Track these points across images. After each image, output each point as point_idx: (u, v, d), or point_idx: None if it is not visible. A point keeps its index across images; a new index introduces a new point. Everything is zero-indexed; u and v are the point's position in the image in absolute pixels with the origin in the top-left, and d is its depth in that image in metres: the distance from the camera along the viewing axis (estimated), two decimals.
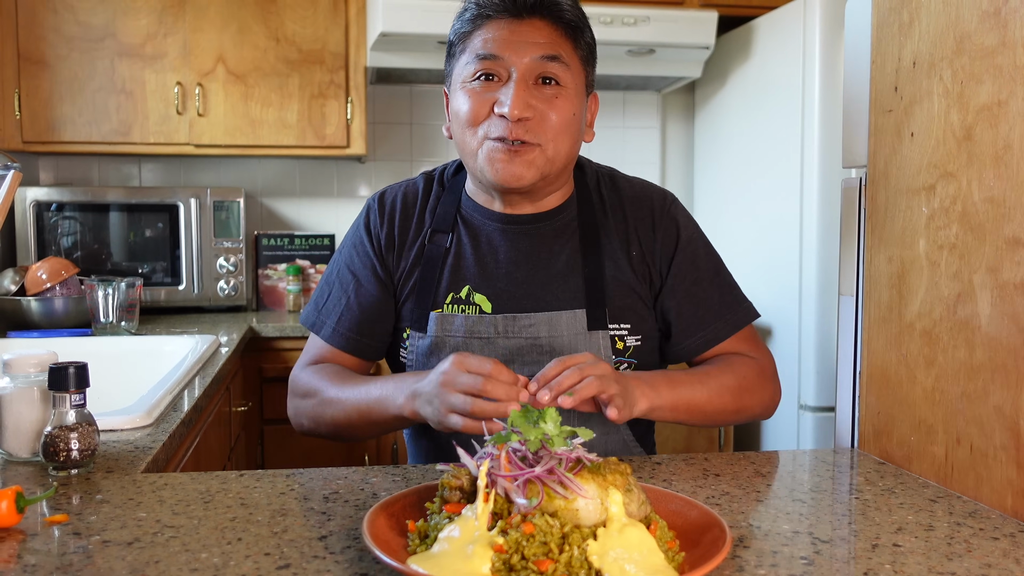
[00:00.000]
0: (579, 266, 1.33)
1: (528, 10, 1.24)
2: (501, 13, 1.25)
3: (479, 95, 1.25)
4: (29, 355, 1.15)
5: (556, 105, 1.24)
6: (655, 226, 1.36)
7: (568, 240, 1.35)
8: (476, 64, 1.25)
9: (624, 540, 0.76)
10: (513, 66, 1.23)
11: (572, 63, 1.26)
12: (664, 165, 3.62)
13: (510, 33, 1.24)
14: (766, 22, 2.95)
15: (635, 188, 1.40)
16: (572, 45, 1.27)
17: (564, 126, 1.25)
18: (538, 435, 0.82)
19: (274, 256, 3.22)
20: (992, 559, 0.85)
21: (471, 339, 1.30)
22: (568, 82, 1.25)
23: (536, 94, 1.23)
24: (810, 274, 2.69)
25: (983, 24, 1.01)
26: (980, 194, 1.01)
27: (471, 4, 1.28)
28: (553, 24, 1.25)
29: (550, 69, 1.24)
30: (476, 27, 1.26)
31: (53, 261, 2.59)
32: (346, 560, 0.83)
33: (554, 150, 1.25)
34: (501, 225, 1.35)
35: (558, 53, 1.24)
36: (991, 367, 1.00)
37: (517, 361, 1.30)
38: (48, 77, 2.80)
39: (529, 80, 1.24)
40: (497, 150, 1.24)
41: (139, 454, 1.20)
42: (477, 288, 1.33)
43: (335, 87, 2.97)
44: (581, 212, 1.36)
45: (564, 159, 1.28)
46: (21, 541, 0.87)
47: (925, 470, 1.11)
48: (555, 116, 1.24)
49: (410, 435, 1.45)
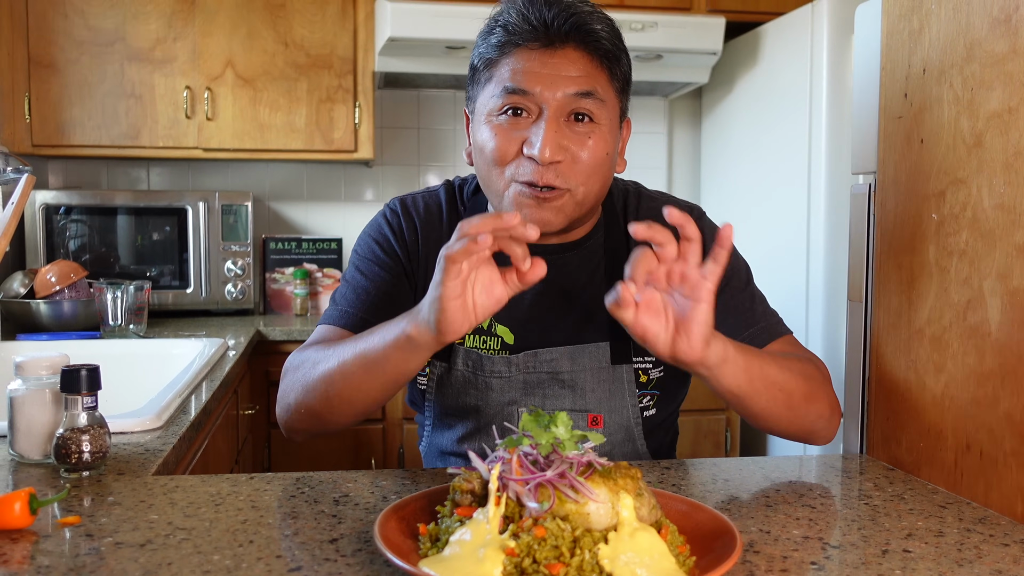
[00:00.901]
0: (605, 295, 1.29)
1: (562, 38, 1.14)
2: (532, 42, 1.15)
3: (507, 132, 1.15)
4: (41, 357, 1.15)
5: (589, 146, 1.15)
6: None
7: (594, 270, 1.29)
8: (503, 98, 1.15)
9: (635, 544, 0.76)
10: (544, 102, 1.13)
11: (608, 97, 1.17)
12: (671, 171, 3.62)
13: (541, 65, 1.14)
14: (774, 28, 2.95)
15: (662, 202, 1.34)
16: (608, 76, 1.17)
17: (596, 167, 1.16)
18: (549, 439, 0.82)
19: (282, 260, 3.22)
20: (1003, 565, 0.85)
21: (491, 377, 1.27)
22: (603, 118, 1.16)
23: (568, 134, 1.14)
24: (817, 280, 2.68)
25: (993, 31, 1.01)
26: (990, 201, 1.01)
27: (498, 27, 1.17)
28: (589, 54, 1.15)
29: (584, 106, 1.14)
30: (504, 54, 1.16)
31: (62, 264, 2.60)
32: (357, 563, 0.83)
33: (584, 193, 1.17)
34: None
35: (593, 88, 1.14)
36: (1001, 373, 1.00)
37: (537, 394, 1.27)
38: (58, 81, 2.82)
39: (561, 117, 1.14)
40: (525, 195, 1.15)
41: (150, 456, 1.20)
42: (499, 319, 1.27)
43: (343, 91, 2.98)
44: (607, 239, 1.30)
45: (594, 200, 1.21)
46: (34, 542, 0.87)
47: (934, 476, 1.11)
48: (587, 156, 1.15)
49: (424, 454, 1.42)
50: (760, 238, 3.04)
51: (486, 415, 1.29)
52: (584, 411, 1.28)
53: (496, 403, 1.28)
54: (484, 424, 1.29)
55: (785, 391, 1.12)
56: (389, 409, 2.83)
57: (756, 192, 3.07)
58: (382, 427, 2.82)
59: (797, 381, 1.14)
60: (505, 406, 1.28)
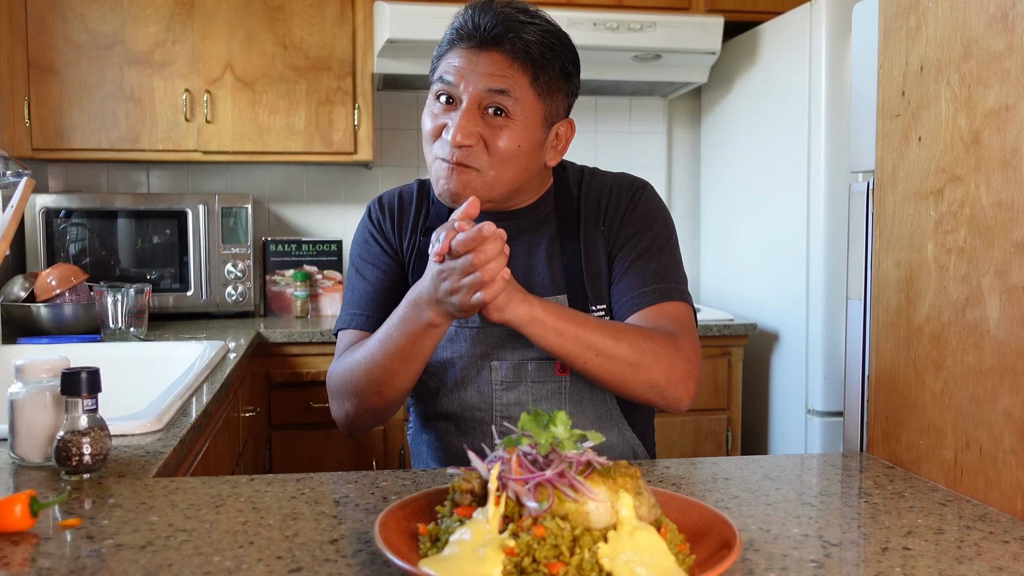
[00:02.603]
0: (558, 254, 1.39)
1: (489, 43, 1.29)
2: (467, 41, 1.30)
3: (436, 117, 1.32)
4: (41, 360, 1.15)
5: (501, 135, 1.29)
6: (622, 203, 1.42)
7: (547, 231, 1.41)
8: (437, 86, 1.32)
9: (635, 543, 0.76)
10: (465, 94, 1.29)
11: (525, 97, 1.29)
12: (670, 170, 3.62)
13: (468, 63, 1.29)
14: (772, 27, 2.95)
15: (612, 177, 1.47)
16: (530, 79, 1.29)
17: (508, 156, 1.30)
18: (548, 439, 0.82)
19: (282, 262, 3.23)
20: (1003, 562, 0.85)
21: (462, 328, 1.38)
22: (517, 115, 1.29)
23: (482, 123, 1.29)
24: (817, 278, 2.69)
25: (990, 29, 1.01)
26: (988, 198, 1.02)
27: (452, 28, 1.33)
28: (511, 59, 1.28)
29: (497, 100, 1.28)
30: (448, 51, 1.33)
31: (62, 267, 2.60)
32: (358, 563, 0.83)
33: (495, 176, 1.30)
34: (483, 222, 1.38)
35: (507, 87, 1.28)
36: (1000, 370, 1.00)
37: (506, 347, 1.37)
38: (57, 84, 2.82)
39: (477, 108, 1.29)
40: (441, 168, 1.31)
41: (150, 459, 1.20)
42: None
43: (342, 94, 2.99)
44: (558, 203, 1.43)
45: (508, 184, 1.33)
46: (35, 545, 0.88)
47: (934, 474, 1.11)
48: (499, 145, 1.29)
49: (412, 435, 1.51)
50: (760, 237, 3.04)
51: (462, 367, 1.39)
52: (552, 359, 1.37)
53: (469, 356, 1.39)
54: (460, 378, 1.40)
55: (604, 355, 1.23)
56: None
57: (755, 191, 3.07)
58: (383, 429, 2.82)
59: (623, 348, 1.24)
60: (478, 359, 1.39)
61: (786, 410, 2.89)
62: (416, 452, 1.51)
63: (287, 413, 2.76)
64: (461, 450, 1.40)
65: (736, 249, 3.22)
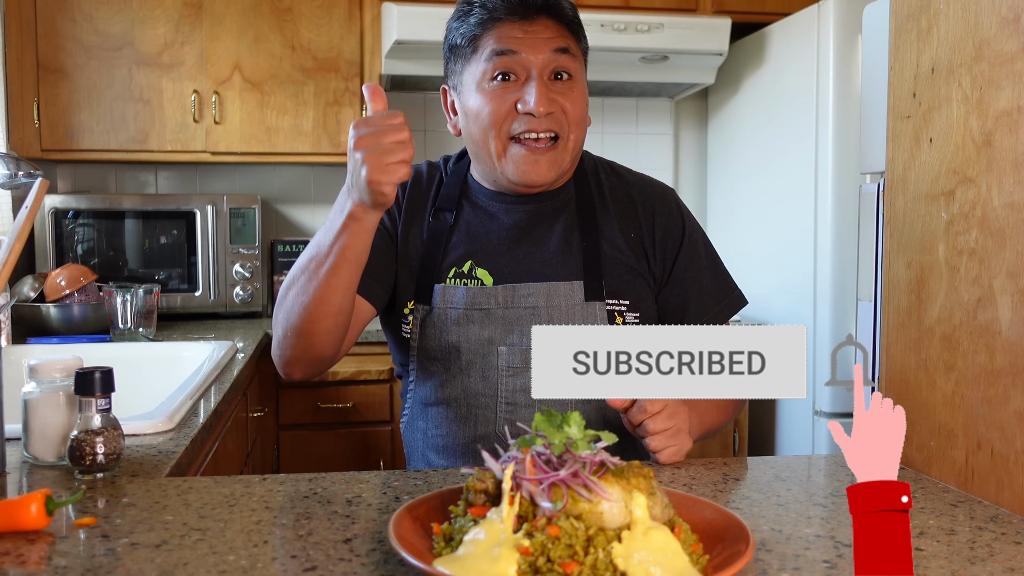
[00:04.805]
0: (577, 241, 1.40)
1: (535, 11, 1.31)
2: (510, 15, 1.31)
3: (499, 95, 1.31)
4: (55, 360, 1.16)
5: (572, 97, 1.32)
6: (656, 214, 1.43)
7: (566, 217, 1.41)
8: (493, 61, 1.30)
9: (649, 543, 0.76)
10: (531, 63, 1.30)
11: (578, 55, 1.35)
12: (677, 172, 3.63)
13: (523, 32, 1.30)
14: (780, 29, 2.95)
15: (636, 177, 1.48)
16: (575, 39, 1.35)
17: (581, 118, 1.34)
18: (562, 439, 0.82)
19: (289, 262, 3.22)
20: (1015, 563, 0.85)
21: (472, 310, 1.36)
22: (578, 74, 1.34)
23: (554, 89, 1.31)
24: (824, 280, 2.68)
25: (1002, 31, 1.01)
26: (1000, 199, 1.02)
27: (476, 8, 1.33)
28: (558, 23, 1.32)
29: (562, 62, 1.31)
30: (486, 30, 1.32)
31: (72, 268, 2.61)
32: (372, 562, 0.84)
33: (574, 141, 1.34)
34: (503, 204, 1.41)
35: (567, 45, 1.32)
36: (1012, 371, 1.00)
37: (516, 331, 1.35)
38: (66, 86, 2.83)
39: (545, 76, 1.30)
40: (523, 152, 1.31)
41: (163, 458, 1.21)
42: (479, 263, 1.38)
43: (350, 95, 2.99)
44: (578, 191, 1.43)
45: (578, 149, 1.36)
46: (51, 543, 0.88)
47: (945, 475, 1.11)
48: (572, 107, 1.31)
49: (407, 423, 1.46)
50: (768, 238, 3.04)
51: (467, 352, 1.36)
52: None
53: (476, 339, 1.36)
54: (465, 364, 1.36)
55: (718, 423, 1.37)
56: (397, 411, 2.83)
57: (763, 193, 3.07)
58: (390, 429, 2.82)
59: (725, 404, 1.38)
60: (485, 343, 1.36)
61: (793, 411, 2.89)
62: (410, 440, 1.46)
63: (295, 413, 2.76)
64: (461, 436, 1.37)
65: (743, 250, 3.22)
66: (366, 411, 2.81)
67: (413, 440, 1.45)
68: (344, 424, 2.81)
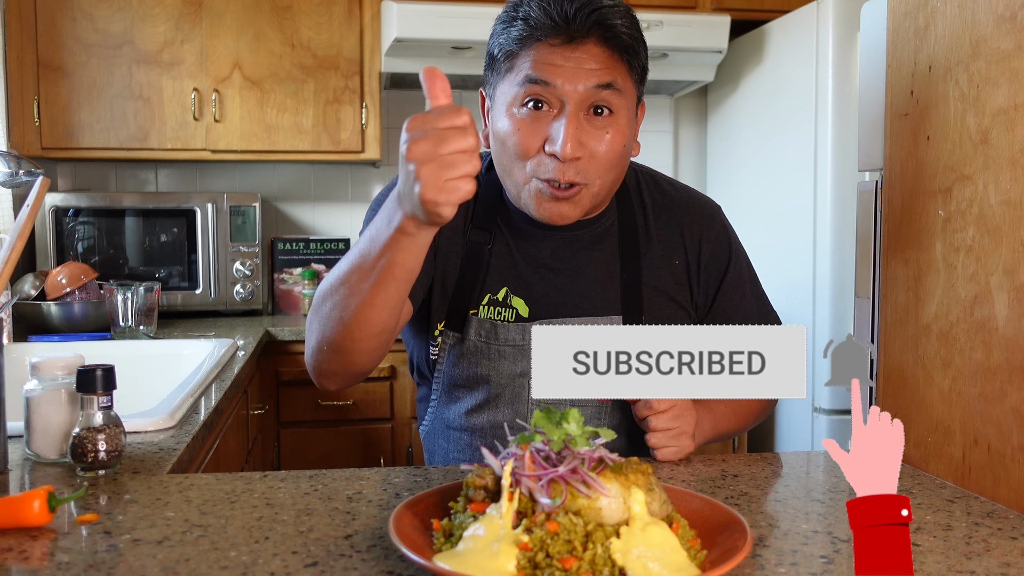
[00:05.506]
0: (617, 273, 1.32)
1: (583, 33, 1.15)
2: (553, 36, 1.16)
3: (529, 127, 1.18)
4: (56, 358, 1.16)
5: (607, 140, 1.18)
6: (703, 240, 1.36)
7: (607, 246, 1.33)
8: (525, 87, 1.17)
9: (647, 538, 0.77)
10: (566, 96, 1.16)
11: (626, 88, 1.19)
12: (677, 169, 3.63)
13: (563, 59, 1.15)
14: (779, 26, 2.95)
15: (681, 194, 1.39)
16: (627, 68, 1.19)
17: (614, 161, 1.20)
18: (561, 435, 0.83)
19: (290, 260, 3.24)
20: (1011, 558, 0.86)
21: (505, 346, 1.28)
22: (621, 109, 1.19)
23: (588, 129, 1.17)
24: (823, 277, 2.69)
25: (999, 28, 1.02)
26: (997, 197, 1.02)
27: (519, 20, 1.18)
28: (609, 49, 1.17)
29: (603, 98, 1.17)
30: (524, 47, 1.18)
31: (72, 266, 2.62)
32: (372, 558, 0.84)
33: (600, 186, 1.21)
34: (542, 231, 1.31)
35: (612, 80, 1.16)
36: (1008, 368, 1.00)
37: None
38: (66, 84, 2.84)
39: (581, 111, 1.17)
40: (544, 191, 1.19)
41: (164, 455, 1.22)
42: (515, 291, 1.31)
43: (350, 92, 3.00)
44: (621, 217, 1.34)
45: (609, 191, 1.25)
46: (53, 540, 0.89)
47: (942, 471, 1.12)
48: (605, 151, 1.18)
49: (428, 434, 1.44)
50: (767, 235, 3.04)
51: (496, 385, 1.30)
52: None
53: (507, 373, 1.29)
54: (493, 396, 1.30)
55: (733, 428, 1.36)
56: (398, 408, 2.84)
57: (762, 190, 3.07)
58: (391, 426, 2.83)
59: (749, 419, 1.38)
60: (516, 377, 1.29)
61: (792, 408, 2.89)
62: (431, 449, 1.41)
63: (295, 411, 2.77)
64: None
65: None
66: (366, 408, 2.82)
67: (434, 449, 1.40)
68: (344, 421, 2.81)
